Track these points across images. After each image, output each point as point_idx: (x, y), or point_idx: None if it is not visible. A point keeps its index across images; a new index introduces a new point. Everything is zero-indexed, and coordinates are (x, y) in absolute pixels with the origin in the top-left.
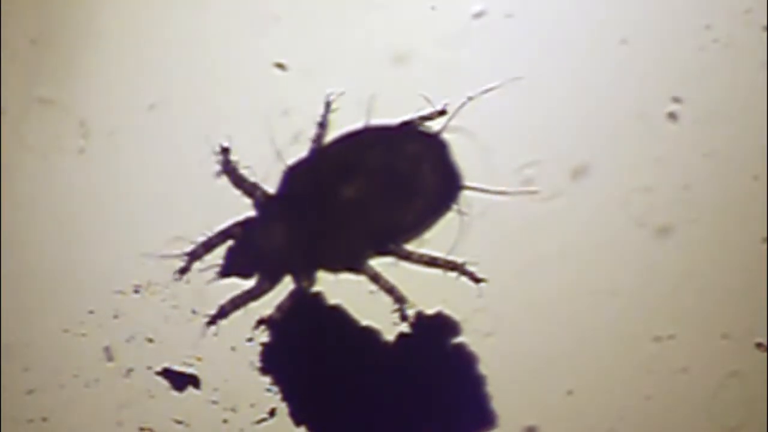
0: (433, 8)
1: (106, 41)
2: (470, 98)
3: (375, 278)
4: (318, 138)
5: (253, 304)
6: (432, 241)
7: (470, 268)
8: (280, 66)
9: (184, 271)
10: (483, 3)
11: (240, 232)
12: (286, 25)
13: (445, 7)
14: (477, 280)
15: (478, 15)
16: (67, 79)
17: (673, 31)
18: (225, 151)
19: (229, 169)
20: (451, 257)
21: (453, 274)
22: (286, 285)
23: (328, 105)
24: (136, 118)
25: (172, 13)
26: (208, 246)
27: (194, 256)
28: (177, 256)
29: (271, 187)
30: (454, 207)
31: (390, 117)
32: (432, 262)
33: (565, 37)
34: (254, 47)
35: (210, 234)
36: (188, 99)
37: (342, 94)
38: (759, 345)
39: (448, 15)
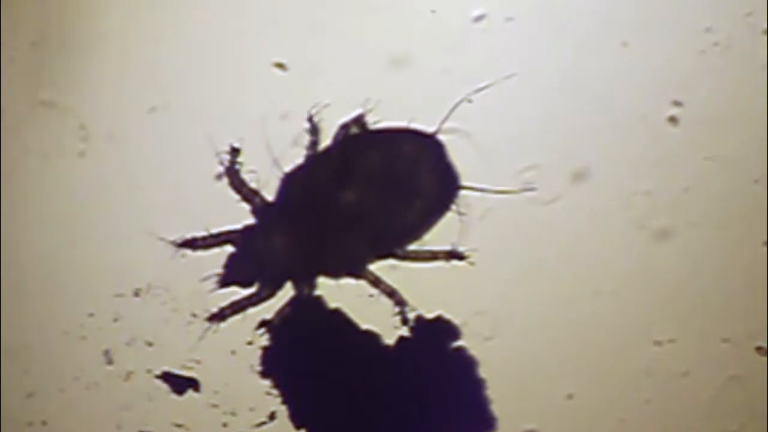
0: (433, 12)
1: (106, 44)
2: (468, 100)
3: (375, 282)
4: (312, 146)
5: (255, 310)
6: (432, 244)
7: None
8: (280, 66)
9: (181, 245)
10: (483, 6)
11: (239, 240)
12: (285, 29)
13: (445, 11)
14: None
15: (479, 18)
16: (68, 82)
17: (673, 34)
18: (235, 151)
19: (232, 171)
20: (446, 248)
21: (453, 272)
22: (287, 290)
23: (312, 122)
24: (136, 121)
25: (173, 17)
26: (208, 242)
27: (192, 244)
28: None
29: (271, 192)
30: (453, 208)
31: (390, 121)
32: (433, 257)
33: (565, 40)
34: (254, 51)
35: (212, 232)
36: (188, 102)
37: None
38: (759, 349)
39: (449, 18)
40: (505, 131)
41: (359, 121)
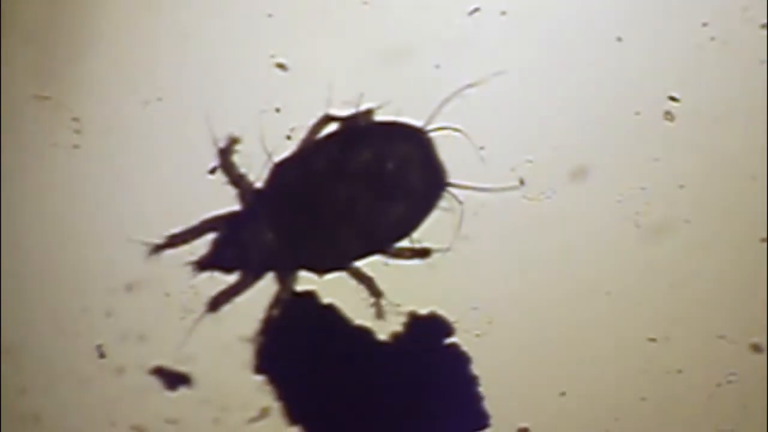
0: (428, 6)
1: (100, 38)
2: (455, 94)
3: (356, 274)
4: (311, 133)
5: (247, 306)
6: (426, 241)
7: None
8: (280, 66)
9: (158, 249)
10: (478, 1)
11: (224, 225)
12: (279, 23)
13: (440, 5)
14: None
15: (473, 12)
16: (62, 75)
17: (669, 28)
18: (233, 141)
19: (225, 153)
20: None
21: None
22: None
23: (327, 114)
24: (130, 115)
25: (167, 11)
26: (191, 233)
27: (175, 240)
28: (160, 245)
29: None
30: (442, 205)
31: (384, 115)
32: (423, 252)
33: (560, 35)
34: (248, 45)
35: (194, 223)
36: (182, 96)
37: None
38: (755, 346)
39: (444, 13)
40: (499, 127)
41: (368, 114)
